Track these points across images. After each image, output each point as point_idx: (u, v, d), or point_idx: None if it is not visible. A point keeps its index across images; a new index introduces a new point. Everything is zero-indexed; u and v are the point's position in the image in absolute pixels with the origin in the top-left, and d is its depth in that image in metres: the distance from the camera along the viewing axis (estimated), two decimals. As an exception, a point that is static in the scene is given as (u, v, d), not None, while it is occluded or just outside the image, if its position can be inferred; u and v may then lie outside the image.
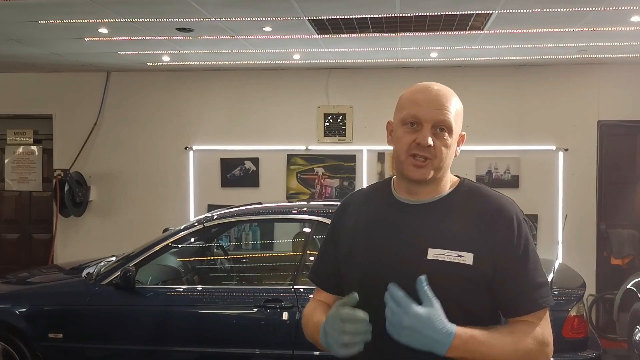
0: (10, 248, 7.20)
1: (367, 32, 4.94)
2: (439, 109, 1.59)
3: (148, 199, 6.83)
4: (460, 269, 1.55)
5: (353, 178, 6.63)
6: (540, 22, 4.60)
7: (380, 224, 1.66)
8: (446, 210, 1.63)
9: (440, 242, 1.57)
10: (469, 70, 6.44)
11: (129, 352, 3.83)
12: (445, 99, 1.61)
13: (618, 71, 6.31)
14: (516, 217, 1.60)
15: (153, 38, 5.14)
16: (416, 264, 1.56)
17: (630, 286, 5.05)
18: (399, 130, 1.64)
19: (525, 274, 1.58)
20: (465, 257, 1.55)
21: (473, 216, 1.60)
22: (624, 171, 6.41)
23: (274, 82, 6.71)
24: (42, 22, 4.62)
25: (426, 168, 1.59)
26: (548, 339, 1.58)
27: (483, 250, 1.56)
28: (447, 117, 1.59)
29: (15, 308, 4.01)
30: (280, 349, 3.66)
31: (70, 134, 6.93)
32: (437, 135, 1.59)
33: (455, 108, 1.62)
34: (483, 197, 1.64)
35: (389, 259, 1.60)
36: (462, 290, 1.56)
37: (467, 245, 1.56)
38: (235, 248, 6.04)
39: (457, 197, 1.65)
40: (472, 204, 1.63)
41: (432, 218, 1.62)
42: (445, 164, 1.61)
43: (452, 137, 1.61)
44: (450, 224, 1.59)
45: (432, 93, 1.61)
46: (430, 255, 1.56)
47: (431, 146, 1.57)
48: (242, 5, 4.23)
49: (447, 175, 1.67)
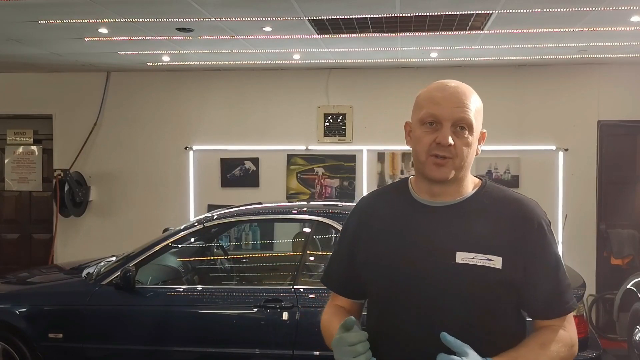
0: (10, 248, 7.19)
1: (367, 32, 4.94)
2: (458, 106, 1.54)
3: (148, 199, 6.83)
4: (489, 272, 1.51)
5: (353, 178, 6.63)
6: (540, 22, 4.60)
7: (404, 226, 1.62)
8: (472, 212, 1.59)
9: (469, 246, 1.53)
10: (469, 70, 6.44)
11: (129, 352, 3.83)
12: (464, 96, 1.56)
13: (618, 71, 6.31)
14: (543, 221, 1.58)
15: (153, 38, 5.14)
16: (444, 268, 1.53)
17: (630, 286, 5.05)
18: (417, 130, 1.59)
19: (554, 278, 1.58)
20: (495, 260, 1.51)
21: (501, 219, 1.57)
22: (624, 171, 6.41)
23: (274, 82, 6.71)
24: (42, 22, 4.61)
25: (447, 167, 1.55)
26: (574, 339, 1.59)
27: (512, 254, 1.53)
28: (467, 114, 1.55)
29: (15, 308, 4.00)
30: (280, 349, 3.66)
31: (70, 134, 6.93)
32: (458, 133, 1.55)
33: (475, 105, 1.58)
34: (510, 200, 1.61)
35: (417, 263, 1.56)
36: (491, 295, 1.53)
37: (496, 249, 1.53)
38: (235, 248, 6.04)
39: (482, 199, 1.61)
40: (499, 207, 1.59)
41: (459, 220, 1.58)
42: (466, 163, 1.57)
43: (473, 135, 1.57)
44: (477, 227, 1.56)
45: (450, 90, 1.57)
46: (458, 259, 1.52)
47: (452, 145, 1.53)
48: (242, 5, 4.23)
49: (468, 175, 1.63)
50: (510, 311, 1.59)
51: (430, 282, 1.54)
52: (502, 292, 1.54)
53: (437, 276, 1.53)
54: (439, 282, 1.53)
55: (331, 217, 3.93)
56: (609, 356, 5.27)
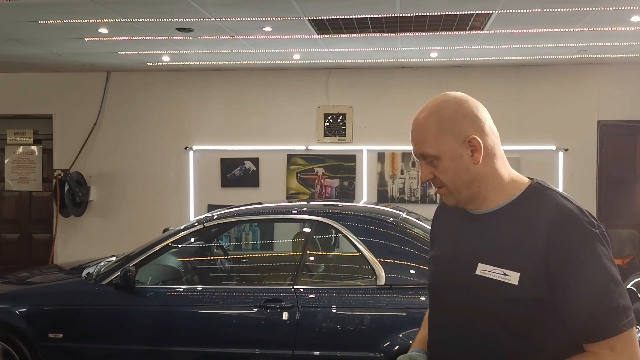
0: (10, 248, 7.20)
1: (367, 32, 4.94)
2: (417, 143, 1.55)
3: (148, 199, 6.82)
4: (503, 288, 1.44)
5: (353, 178, 6.63)
6: (540, 22, 4.60)
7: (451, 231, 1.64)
8: (502, 221, 1.51)
9: (489, 258, 1.48)
10: (469, 70, 6.44)
11: (129, 352, 3.83)
12: (420, 128, 1.54)
13: (618, 71, 6.31)
14: (582, 229, 1.42)
15: (153, 38, 5.14)
16: (464, 279, 1.52)
17: (630, 286, 5.04)
18: None
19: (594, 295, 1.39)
20: (511, 276, 1.43)
21: (533, 227, 1.45)
22: (624, 171, 6.41)
23: (274, 82, 6.71)
24: (42, 22, 4.61)
25: (447, 197, 1.57)
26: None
27: (535, 268, 1.42)
28: (422, 149, 1.52)
29: (15, 308, 4.00)
30: (280, 349, 3.65)
31: (70, 134, 6.93)
32: (432, 164, 1.53)
33: (429, 130, 1.51)
34: (550, 206, 1.46)
35: (448, 271, 1.58)
36: (508, 310, 1.44)
37: (515, 263, 1.44)
38: (235, 248, 6.04)
39: (520, 206, 1.51)
40: (535, 214, 1.47)
41: (487, 230, 1.52)
42: (459, 184, 1.51)
43: (443, 160, 1.50)
44: (502, 238, 1.48)
45: (413, 127, 1.58)
46: (478, 271, 1.49)
47: (434, 178, 1.54)
48: (242, 5, 4.23)
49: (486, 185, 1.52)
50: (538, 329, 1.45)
51: (453, 290, 1.55)
52: (519, 309, 1.43)
53: (459, 285, 1.53)
54: (459, 290, 1.53)
55: (331, 217, 3.93)
56: (609, 356, 5.27)
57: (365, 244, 3.67)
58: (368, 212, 4.06)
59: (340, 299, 3.61)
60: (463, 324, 1.52)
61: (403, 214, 4.06)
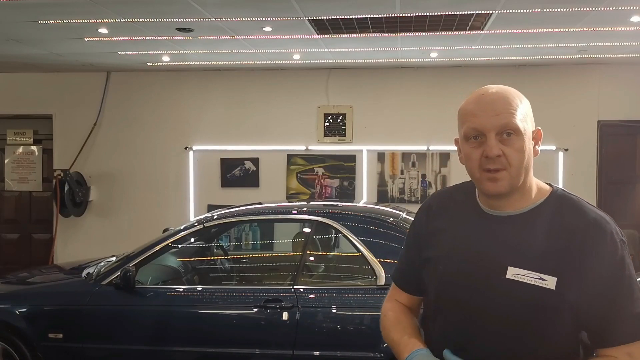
0: (10, 248, 7.20)
1: (367, 32, 4.94)
2: (498, 114, 1.45)
3: (148, 199, 6.82)
4: (540, 293, 1.42)
5: (353, 178, 6.63)
6: (540, 22, 4.60)
7: (465, 233, 1.56)
8: (533, 225, 1.48)
9: (522, 261, 1.44)
10: (469, 70, 6.44)
11: (129, 352, 3.83)
12: (503, 100, 1.48)
13: (618, 71, 6.31)
14: (612, 236, 1.43)
15: (153, 38, 5.14)
16: (493, 282, 1.46)
17: (630, 286, 5.05)
18: (465, 146, 1.51)
19: (621, 301, 1.41)
20: (548, 280, 1.41)
21: (564, 233, 1.44)
22: (624, 171, 6.41)
23: (274, 82, 6.71)
24: (42, 22, 4.61)
25: (502, 180, 1.45)
26: None
27: (571, 274, 1.42)
28: (509, 119, 1.45)
29: (15, 308, 4.00)
30: (280, 349, 3.65)
31: (70, 134, 6.93)
32: (505, 141, 1.45)
33: (518, 105, 1.48)
34: (578, 213, 1.47)
35: (468, 273, 1.51)
36: (541, 317, 1.43)
37: (552, 267, 1.42)
38: (235, 248, 6.04)
39: (547, 209, 1.49)
40: (564, 219, 1.47)
41: (517, 233, 1.48)
42: (523, 170, 1.47)
43: (524, 138, 1.46)
44: (535, 242, 1.46)
45: (487, 98, 1.49)
46: (509, 275, 1.44)
47: (501, 155, 1.44)
48: (242, 5, 4.23)
49: (529, 181, 1.51)
50: (567, 335, 1.47)
51: (479, 294, 1.49)
52: (554, 315, 1.43)
53: (486, 289, 1.48)
54: (487, 295, 1.47)
55: (331, 217, 3.93)
56: (609, 356, 5.27)
57: (365, 244, 3.67)
58: (368, 212, 4.06)
59: (340, 299, 3.62)
60: (488, 326, 1.48)
61: (403, 214, 4.06)
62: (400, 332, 1.61)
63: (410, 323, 1.65)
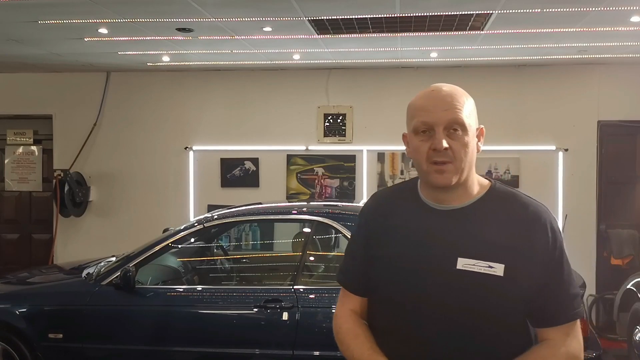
0: (10, 248, 7.20)
1: (367, 32, 4.94)
2: (447, 109, 1.54)
3: (148, 199, 6.82)
4: (490, 280, 1.50)
5: (353, 178, 6.63)
6: (540, 22, 4.60)
7: (412, 229, 1.62)
8: (478, 217, 1.57)
9: (471, 252, 1.52)
10: (469, 70, 6.44)
11: (129, 352, 3.83)
12: (451, 97, 1.56)
13: (618, 71, 6.31)
14: (551, 225, 1.56)
15: (153, 38, 5.14)
16: (445, 274, 1.53)
17: (630, 286, 5.05)
18: (414, 140, 1.59)
19: (560, 284, 1.55)
20: (496, 268, 1.50)
21: (508, 224, 1.55)
22: (624, 171, 6.41)
23: (274, 82, 6.71)
24: (42, 22, 4.61)
25: (449, 172, 1.54)
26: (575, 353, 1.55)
27: (517, 260, 1.51)
28: (457, 115, 1.54)
29: (15, 308, 4.00)
30: (280, 349, 3.66)
31: (70, 134, 6.93)
32: (452, 135, 1.54)
33: (464, 104, 1.57)
34: (518, 204, 1.58)
35: (419, 267, 1.57)
36: (493, 302, 1.52)
37: (499, 256, 1.51)
38: (235, 248, 6.04)
39: (489, 202, 1.59)
40: (506, 210, 1.57)
41: (463, 225, 1.57)
42: (467, 164, 1.56)
43: (469, 134, 1.55)
44: (482, 232, 1.55)
45: (437, 95, 1.58)
46: (459, 265, 1.52)
47: (448, 148, 1.52)
48: (242, 5, 4.23)
49: (472, 176, 1.60)
50: (517, 321, 1.56)
51: (432, 287, 1.54)
52: (503, 300, 1.52)
53: (438, 281, 1.54)
54: (440, 287, 1.53)
55: (331, 217, 3.93)
56: (609, 356, 5.27)
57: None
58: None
59: (340, 299, 3.61)
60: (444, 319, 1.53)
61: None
62: (359, 348, 1.64)
63: (367, 335, 1.67)
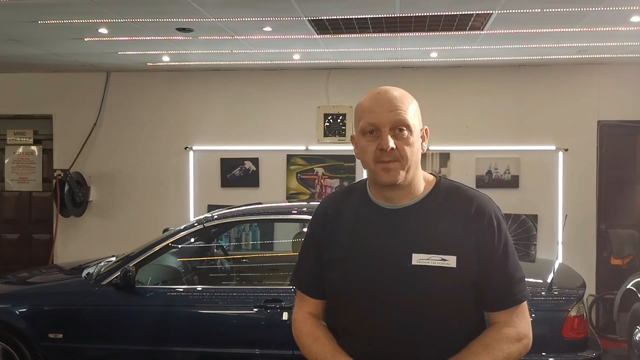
0: (10, 248, 7.19)
1: (367, 32, 4.94)
2: (392, 110, 1.59)
3: (148, 199, 6.82)
4: (444, 272, 1.57)
5: (353, 178, 6.62)
6: (540, 22, 4.60)
7: (363, 229, 1.66)
8: (427, 213, 1.63)
9: (424, 247, 1.59)
10: (469, 70, 6.44)
11: (129, 352, 3.83)
12: (396, 99, 1.61)
13: (618, 71, 6.31)
14: (495, 215, 1.64)
15: (153, 38, 5.14)
16: (401, 270, 1.58)
17: (630, 286, 5.05)
18: (361, 141, 1.65)
19: (506, 270, 1.63)
20: (449, 260, 1.57)
21: (455, 217, 1.62)
22: (624, 171, 6.41)
23: (274, 82, 6.71)
24: (42, 22, 4.61)
25: (395, 170, 1.59)
26: (523, 332, 1.62)
27: (467, 251, 1.59)
28: (402, 116, 1.59)
29: (15, 308, 4.01)
30: (280, 349, 3.66)
31: (70, 134, 6.92)
32: (397, 136, 1.59)
33: (409, 105, 1.62)
34: (463, 197, 1.66)
35: (375, 266, 1.61)
36: (449, 292, 1.58)
37: (450, 248, 1.58)
38: (235, 248, 6.04)
39: (436, 198, 1.66)
40: (452, 204, 1.64)
41: (414, 222, 1.63)
42: (413, 163, 1.62)
43: (413, 134, 1.61)
44: (432, 228, 1.61)
45: (382, 97, 1.62)
46: (414, 261, 1.58)
47: (394, 148, 1.58)
48: (242, 5, 4.23)
49: (418, 174, 1.66)
50: (470, 308, 1.63)
51: (390, 284, 1.59)
52: (459, 290, 1.59)
53: (395, 278, 1.58)
54: (397, 283, 1.58)
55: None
56: (609, 356, 5.27)
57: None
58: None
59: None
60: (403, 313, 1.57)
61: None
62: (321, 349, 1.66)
63: (328, 336, 1.69)
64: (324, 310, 1.77)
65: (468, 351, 1.56)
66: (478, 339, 1.59)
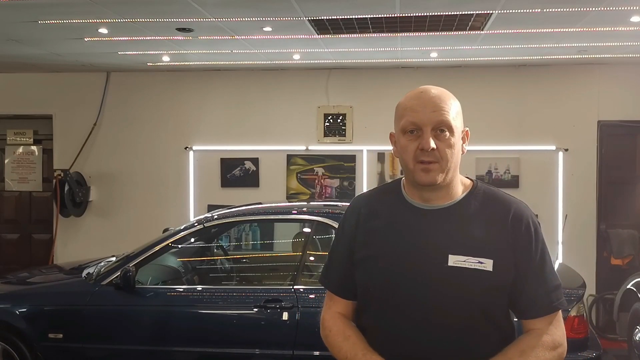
0: (10, 248, 7.19)
1: (367, 32, 4.94)
2: (435, 110, 1.58)
3: (148, 199, 6.82)
4: (481, 275, 1.56)
5: (353, 178, 6.63)
6: (540, 22, 4.60)
7: (399, 229, 1.65)
8: (464, 215, 1.62)
9: (461, 249, 1.57)
10: (469, 70, 6.44)
11: (129, 352, 3.83)
12: (439, 100, 1.60)
13: (618, 71, 6.31)
14: (533, 221, 1.64)
15: (153, 38, 5.14)
16: (437, 271, 1.57)
17: (630, 286, 5.05)
18: (401, 139, 1.62)
19: (543, 277, 1.62)
20: (486, 263, 1.56)
21: (492, 222, 1.61)
22: (624, 171, 6.41)
23: (274, 82, 6.71)
24: (42, 22, 4.61)
25: (435, 171, 1.57)
26: (558, 341, 1.61)
27: (503, 256, 1.58)
28: (445, 117, 1.58)
29: (15, 308, 4.01)
30: (280, 349, 3.66)
31: (70, 134, 6.92)
32: (439, 136, 1.58)
33: (452, 107, 1.61)
34: (501, 202, 1.65)
35: (410, 265, 1.59)
36: (484, 296, 1.57)
37: (488, 252, 1.57)
38: (235, 248, 6.04)
39: (474, 201, 1.64)
40: (490, 209, 1.63)
41: (451, 224, 1.61)
42: (452, 164, 1.60)
43: (455, 136, 1.60)
44: (469, 230, 1.60)
45: (426, 96, 1.61)
46: (451, 262, 1.56)
47: (435, 149, 1.56)
48: (242, 5, 4.23)
49: (457, 177, 1.65)
50: (502, 313, 1.63)
51: (424, 284, 1.57)
52: (494, 294, 1.58)
53: (431, 278, 1.57)
54: (432, 284, 1.57)
55: (331, 217, 3.93)
56: (609, 356, 5.27)
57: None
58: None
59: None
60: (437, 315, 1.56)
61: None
62: (352, 348, 1.65)
63: (358, 335, 1.69)
64: (354, 311, 1.76)
65: (504, 356, 1.55)
66: (513, 345, 1.58)
